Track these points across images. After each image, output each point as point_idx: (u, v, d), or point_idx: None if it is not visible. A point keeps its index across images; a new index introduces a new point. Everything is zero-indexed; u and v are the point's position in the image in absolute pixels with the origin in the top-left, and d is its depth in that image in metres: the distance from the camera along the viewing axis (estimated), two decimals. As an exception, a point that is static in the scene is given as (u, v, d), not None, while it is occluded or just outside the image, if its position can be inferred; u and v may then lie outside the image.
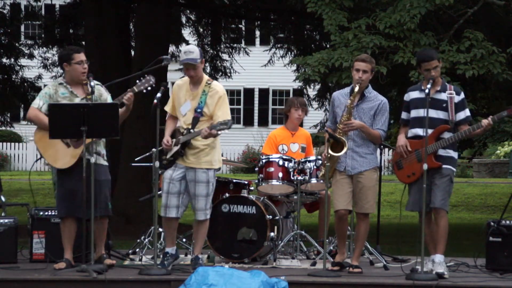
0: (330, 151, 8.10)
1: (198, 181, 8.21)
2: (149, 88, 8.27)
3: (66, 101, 8.10)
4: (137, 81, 8.32)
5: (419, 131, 8.04)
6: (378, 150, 8.63)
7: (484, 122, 7.96)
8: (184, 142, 8.22)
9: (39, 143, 8.15)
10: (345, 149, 8.07)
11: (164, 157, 8.28)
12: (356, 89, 8.14)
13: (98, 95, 8.16)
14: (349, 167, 8.21)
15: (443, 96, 8.07)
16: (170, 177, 8.26)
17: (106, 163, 8.25)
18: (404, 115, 8.28)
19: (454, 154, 8.13)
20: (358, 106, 8.23)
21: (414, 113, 8.13)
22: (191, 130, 8.23)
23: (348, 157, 8.19)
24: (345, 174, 8.22)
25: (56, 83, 8.27)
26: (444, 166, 8.01)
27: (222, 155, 8.66)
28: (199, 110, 8.26)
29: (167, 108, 8.42)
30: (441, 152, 8.03)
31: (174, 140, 8.29)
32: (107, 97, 8.28)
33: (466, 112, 8.11)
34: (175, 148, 8.27)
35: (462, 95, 8.15)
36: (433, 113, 7.99)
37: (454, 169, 8.14)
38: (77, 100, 8.13)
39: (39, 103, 8.14)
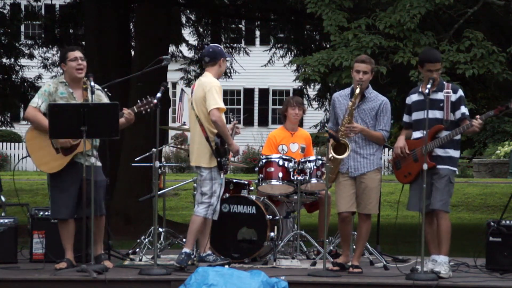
0: (333, 153, 8.09)
1: None
2: (149, 110, 8.26)
3: (64, 102, 8.09)
4: (139, 101, 8.31)
5: (420, 134, 8.00)
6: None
7: (475, 122, 7.93)
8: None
9: (29, 143, 8.13)
10: (347, 152, 8.06)
11: (227, 162, 8.32)
12: (357, 91, 8.12)
13: (98, 100, 8.13)
14: (352, 168, 8.20)
15: (440, 95, 8.02)
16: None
17: (99, 163, 8.24)
18: (405, 117, 8.26)
19: (455, 154, 8.08)
20: (359, 107, 8.21)
21: (415, 115, 8.10)
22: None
23: (351, 159, 8.18)
24: (347, 175, 8.21)
25: (57, 81, 8.25)
26: (441, 166, 7.97)
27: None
28: None
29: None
30: (440, 152, 8.00)
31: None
32: (106, 102, 8.26)
33: (462, 110, 8.04)
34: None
35: (460, 93, 8.08)
36: (430, 114, 7.93)
37: (454, 169, 8.09)
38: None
39: (37, 102, 8.10)
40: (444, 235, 7.98)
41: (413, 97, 8.18)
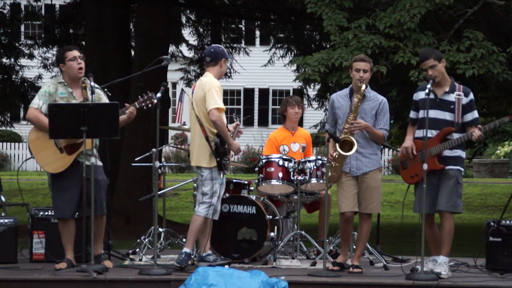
0: (339, 150, 8.08)
1: None
2: (149, 105, 8.27)
3: (64, 102, 8.08)
4: (139, 96, 8.33)
5: (428, 134, 7.96)
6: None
7: (475, 134, 7.92)
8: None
9: (32, 144, 8.12)
10: (354, 148, 8.05)
11: (228, 162, 8.31)
12: (363, 87, 8.13)
13: (97, 99, 8.13)
14: (354, 168, 8.21)
15: (451, 97, 8.03)
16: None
17: (100, 163, 8.24)
18: (412, 114, 8.25)
19: (462, 153, 8.09)
20: (359, 106, 8.21)
21: (423, 114, 8.08)
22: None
23: (353, 158, 8.19)
24: (350, 175, 8.22)
25: (56, 81, 8.25)
26: (450, 167, 7.98)
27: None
28: None
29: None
30: (448, 152, 7.98)
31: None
32: (106, 101, 8.26)
33: (474, 114, 8.06)
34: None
35: (471, 96, 8.11)
36: (440, 115, 7.97)
37: (462, 169, 8.10)
38: (74, 102, 8.11)
39: (38, 103, 8.09)
40: (446, 236, 7.97)
41: (421, 94, 8.14)
